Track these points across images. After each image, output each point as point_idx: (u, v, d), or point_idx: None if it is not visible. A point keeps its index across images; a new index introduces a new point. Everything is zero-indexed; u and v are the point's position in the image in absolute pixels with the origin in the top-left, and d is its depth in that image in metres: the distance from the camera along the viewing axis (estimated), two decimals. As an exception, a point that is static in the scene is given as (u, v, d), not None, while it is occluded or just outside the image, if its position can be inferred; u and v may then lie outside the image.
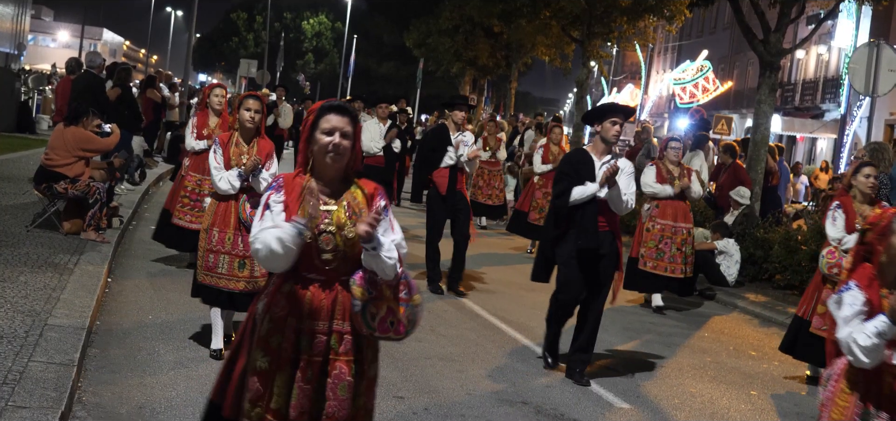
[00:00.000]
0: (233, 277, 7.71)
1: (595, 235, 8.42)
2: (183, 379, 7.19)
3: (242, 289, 7.70)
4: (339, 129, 4.26)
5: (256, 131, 8.02)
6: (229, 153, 7.87)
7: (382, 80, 76.96)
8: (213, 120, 10.87)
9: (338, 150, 4.25)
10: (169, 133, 23.64)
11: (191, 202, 10.77)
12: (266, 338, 4.24)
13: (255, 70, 48.00)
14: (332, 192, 4.33)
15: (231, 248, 7.72)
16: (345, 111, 4.31)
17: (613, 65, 70.50)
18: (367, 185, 4.39)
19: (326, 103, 4.34)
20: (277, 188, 4.32)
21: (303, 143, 4.38)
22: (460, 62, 45.11)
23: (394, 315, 4.27)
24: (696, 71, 51.43)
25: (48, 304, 8.03)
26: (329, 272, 4.26)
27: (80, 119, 11.67)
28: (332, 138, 4.24)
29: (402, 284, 4.30)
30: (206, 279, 7.75)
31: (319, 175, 4.33)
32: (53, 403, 5.77)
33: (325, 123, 4.26)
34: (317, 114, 4.32)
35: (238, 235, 7.73)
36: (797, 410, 8.54)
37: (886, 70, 15.70)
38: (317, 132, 4.27)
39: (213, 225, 7.78)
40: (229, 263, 7.71)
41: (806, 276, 13.88)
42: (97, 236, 11.24)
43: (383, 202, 4.32)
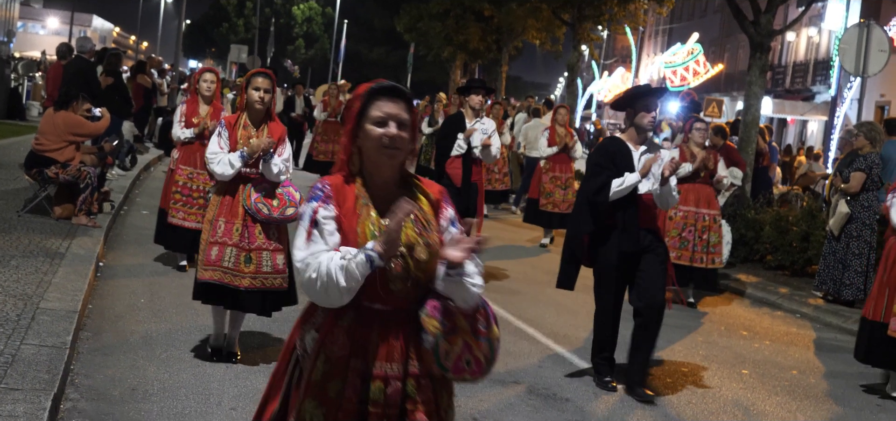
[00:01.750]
0: (238, 273, 7.02)
1: (638, 237, 7.64)
2: (175, 361, 7.19)
3: (247, 286, 7.03)
4: (394, 118, 3.45)
5: (267, 113, 7.28)
6: (236, 137, 7.13)
7: (373, 66, 76.87)
8: (202, 108, 10.26)
9: (394, 143, 3.44)
10: (159, 119, 23.60)
11: (183, 198, 10.12)
12: (321, 384, 3.44)
13: (246, 56, 47.95)
14: (391, 200, 3.48)
15: (239, 240, 7.03)
16: (399, 94, 3.50)
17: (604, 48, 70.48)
18: (430, 186, 3.61)
19: (376, 85, 3.51)
20: (325, 199, 3.45)
21: (347, 138, 3.53)
22: (451, 46, 45.13)
23: (470, 352, 3.51)
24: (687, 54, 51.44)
25: (40, 288, 8.03)
26: (397, 301, 3.45)
27: (69, 104, 11.65)
28: (387, 130, 3.43)
29: (480, 313, 3.53)
30: (209, 275, 7.03)
31: (370, 177, 3.51)
32: (46, 385, 5.77)
33: (376, 111, 3.45)
34: (364, 99, 3.49)
35: (245, 226, 7.06)
36: (789, 388, 8.58)
37: (876, 50, 15.73)
38: (366, 123, 3.46)
39: (219, 215, 7.10)
40: (236, 256, 7.02)
41: (796, 256, 13.95)
42: (88, 221, 11.23)
43: (451, 211, 3.59)
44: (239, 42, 62.51)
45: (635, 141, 7.72)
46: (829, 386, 8.92)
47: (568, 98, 29.89)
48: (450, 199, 3.62)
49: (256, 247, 7.06)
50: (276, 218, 7.09)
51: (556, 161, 15.37)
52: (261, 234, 7.06)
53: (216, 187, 7.27)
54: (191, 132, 10.11)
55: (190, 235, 9.92)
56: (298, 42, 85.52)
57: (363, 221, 3.44)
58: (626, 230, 7.61)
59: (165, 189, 10.53)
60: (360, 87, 3.55)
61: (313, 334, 3.50)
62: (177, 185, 10.13)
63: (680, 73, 50.37)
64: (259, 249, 7.06)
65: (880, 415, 8.16)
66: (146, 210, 14.16)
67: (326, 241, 3.39)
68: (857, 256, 11.95)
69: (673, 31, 61.50)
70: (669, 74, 51.33)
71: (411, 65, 53.98)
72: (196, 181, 10.06)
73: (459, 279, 3.40)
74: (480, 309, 3.52)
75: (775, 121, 44.13)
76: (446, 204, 3.59)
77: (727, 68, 51.58)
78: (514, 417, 6.90)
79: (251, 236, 7.05)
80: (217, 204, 7.15)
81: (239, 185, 7.12)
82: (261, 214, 7.03)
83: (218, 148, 7.08)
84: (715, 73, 49.85)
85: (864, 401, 8.49)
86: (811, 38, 44.33)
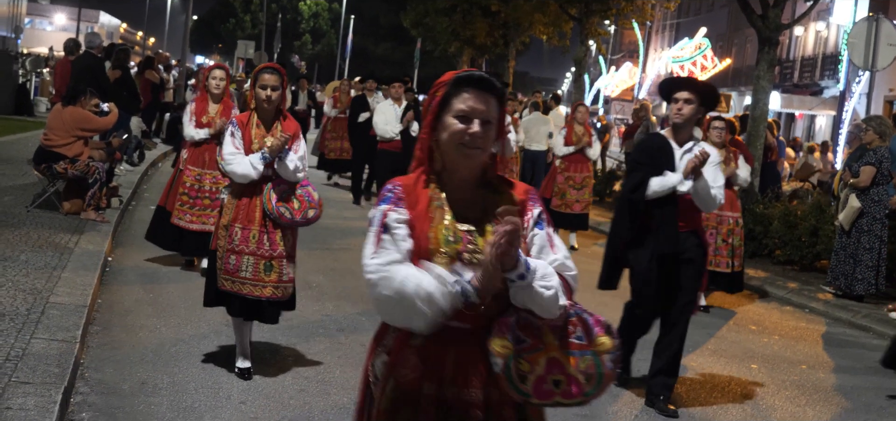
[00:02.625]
0: (258, 283, 6.61)
1: (676, 238, 7.12)
2: (184, 356, 7.19)
3: (269, 296, 6.65)
4: (479, 114, 3.07)
5: (277, 112, 6.83)
6: (250, 136, 6.69)
7: (380, 61, 76.91)
8: (212, 106, 9.96)
9: (474, 142, 3.06)
10: (167, 114, 23.61)
11: (190, 200, 9.79)
12: (391, 412, 3.12)
13: (253, 51, 47.99)
14: (470, 202, 3.13)
15: (256, 247, 6.59)
16: (489, 87, 3.10)
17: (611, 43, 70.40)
18: (517, 187, 3.21)
19: (464, 74, 3.12)
20: (395, 200, 3.11)
21: (426, 131, 3.17)
22: (458, 41, 45.04)
23: (561, 370, 3.02)
24: (695, 48, 51.45)
25: (49, 282, 8.04)
26: (478, 318, 3.02)
27: (78, 99, 11.66)
28: (470, 127, 3.06)
29: (572, 323, 3.07)
30: (228, 285, 6.65)
31: (447, 176, 3.15)
32: (56, 379, 5.78)
33: (461, 104, 3.08)
34: (448, 88, 3.12)
35: (264, 231, 6.62)
36: (798, 383, 8.56)
37: (885, 44, 15.68)
38: (448, 115, 3.09)
39: (235, 221, 6.65)
40: (254, 265, 6.60)
41: (805, 251, 13.93)
42: (97, 216, 11.24)
43: (539, 209, 3.18)
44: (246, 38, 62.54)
45: (676, 137, 7.16)
46: (838, 381, 8.90)
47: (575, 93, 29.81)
48: (538, 197, 3.22)
49: (279, 254, 6.66)
50: (298, 221, 6.68)
51: (572, 161, 14.77)
52: (282, 240, 6.66)
53: (231, 189, 6.80)
54: (205, 132, 9.82)
55: (197, 238, 9.74)
56: (305, 38, 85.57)
57: (436, 225, 3.08)
58: (663, 231, 7.10)
59: (169, 188, 10.24)
60: (445, 75, 3.18)
61: (383, 358, 3.15)
62: (184, 185, 9.83)
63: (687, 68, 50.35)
64: (281, 257, 6.67)
65: (889, 408, 8.14)
66: (154, 206, 14.12)
67: (398, 247, 3.02)
68: (867, 251, 11.93)
69: (680, 26, 61.42)
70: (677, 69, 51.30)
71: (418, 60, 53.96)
72: (204, 182, 9.81)
73: (527, 283, 2.94)
74: (574, 318, 3.07)
75: (783, 116, 44.06)
76: (533, 203, 3.18)
77: (735, 63, 51.50)
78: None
79: (272, 243, 6.62)
80: (233, 208, 6.70)
81: (255, 188, 6.67)
82: (284, 218, 6.60)
83: (234, 148, 6.64)
84: (723, 67, 49.84)
85: (872, 396, 8.46)
86: (819, 32, 44.22)
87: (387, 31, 77.98)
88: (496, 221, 2.90)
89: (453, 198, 3.13)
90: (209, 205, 9.69)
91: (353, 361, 7.45)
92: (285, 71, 6.89)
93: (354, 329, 8.45)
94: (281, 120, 6.80)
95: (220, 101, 10.00)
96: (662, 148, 7.14)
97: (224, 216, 6.72)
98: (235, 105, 10.08)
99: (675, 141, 7.13)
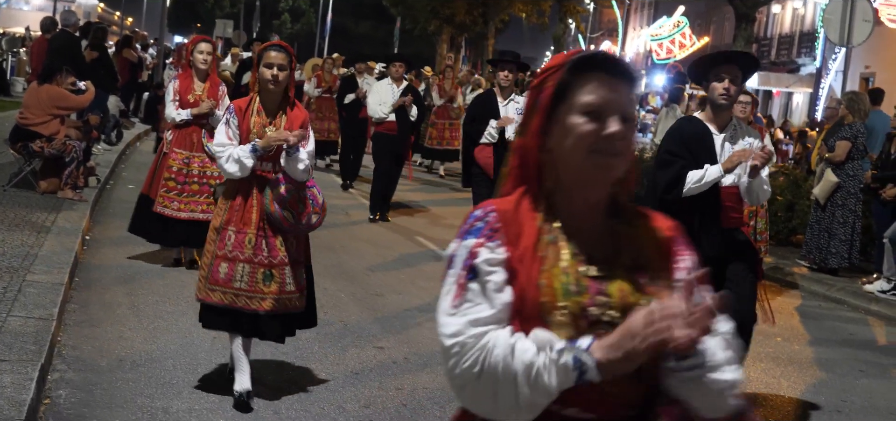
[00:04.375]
0: (256, 294, 5.78)
1: (720, 237, 6.14)
2: (162, 332, 7.20)
3: (269, 309, 5.81)
4: (616, 108, 2.18)
5: (284, 97, 5.95)
6: (248, 125, 5.83)
7: (360, 40, 76.66)
8: (198, 84, 9.18)
9: (614, 147, 2.17)
10: (145, 94, 23.51)
11: (177, 186, 9.01)
12: None
13: (231, 31, 47.76)
14: (596, 235, 2.24)
15: (253, 254, 5.78)
16: (621, 72, 2.22)
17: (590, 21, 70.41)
18: (655, 218, 2.33)
19: (585, 54, 2.25)
20: (488, 232, 2.21)
21: (532, 137, 2.27)
22: (437, 20, 45.03)
23: None
24: (673, 27, 51.58)
25: (26, 261, 8.02)
26: (608, 406, 2.17)
27: (54, 77, 11.63)
28: (606, 126, 2.16)
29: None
30: (217, 297, 5.82)
31: (566, 198, 2.24)
32: (33, 355, 5.78)
33: (587, 95, 2.19)
34: (564, 75, 2.23)
35: (262, 236, 5.81)
36: (773, 355, 8.64)
37: (861, 20, 15.77)
38: (569, 113, 2.20)
39: (229, 222, 5.84)
40: (250, 274, 5.79)
41: (781, 226, 14.03)
42: (74, 195, 11.21)
43: (692, 257, 2.29)
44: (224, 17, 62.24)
45: (715, 121, 6.18)
46: (812, 352, 8.99)
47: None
48: (688, 240, 2.33)
49: (280, 262, 5.84)
50: (302, 227, 5.92)
51: None
52: (283, 245, 5.85)
53: (225, 187, 6.03)
54: (187, 114, 9.04)
55: (184, 228, 9.02)
56: (284, 16, 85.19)
57: (551, 269, 2.19)
58: (706, 231, 6.03)
59: (152, 174, 9.39)
60: (555, 58, 2.32)
61: None
62: (170, 170, 9.03)
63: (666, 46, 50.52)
64: (282, 264, 5.85)
65: (862, 380, 8.23)
66: (132, 184, 14.12)
67: (492, 301, 2.14)
68: (842, 225, 12.03)
69: (659, 5, 61.42)
70: (655, 47, 51.47)
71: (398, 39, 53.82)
72: (192, 165, 9.08)
73: (698, 375, 2.13)
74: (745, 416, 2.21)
75: (761, 93, 44.23)
76: (682, 247, 2.31)
77: (713, 41, 51.61)
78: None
79: (272, 249, 5.82)
80: (226, 209, 5.88)
81: (253, 186, 5.85)
82: (285, 223, 5.81)
83: (226, 139, 5.80)
84: (701, 45, 49.94)
85: (846, 367, 8.56)
86: (796, 10, 44.39)
87: (366, 9, 77.70)
88: (658, 291, 2.17)
89: (573, 229, 2.24)
90: (198, 190, 9.06)
91: (330, 336, 7.49)
92: (294, 50, 6.06)
93: (334, 306, 8.48)
94: (288, 108, 5.95)
95: (206, 77, 9.22)
96: (700, 136, 6.15)
97: (216, 217, 5.92)
98: (223, 84, 9.52)
99: (714, 125, 6.17)
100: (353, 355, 7.16)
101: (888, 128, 12.87)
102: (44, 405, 5.54)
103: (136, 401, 5.78)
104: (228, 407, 5.80)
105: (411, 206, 15.44)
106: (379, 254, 11.25)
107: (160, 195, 9.04)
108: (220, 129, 5.89)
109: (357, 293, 9.17)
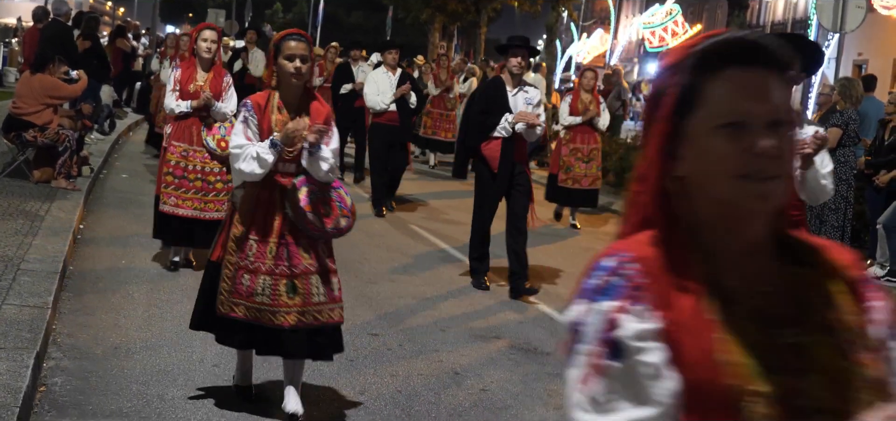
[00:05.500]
0: (279, 308, 5.30)
1: None
2: (157, 320, 7.22)
3: (294, 324, 5.31)
4: (766, 114, 1.64)
5: (306, 90, 5.47)
6: (269, 123, 5.33)
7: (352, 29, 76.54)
8: (201, 74, 8.65)
9: (768, 170, 1.63)
10: (137, 84, 23.48)
11: (175, 180, 8.52)
12: None
13: (224, 20, 47.64)
14: (769, 285, 1.68)
15: (274, 264, 5.30)
16: (769, 62, 1.67)
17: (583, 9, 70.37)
18: (839, 253, 1.76)
19: (713, 45, 1.68)
20: (631, 294, 1.64)
21: (654, 164, 1.73)
22: (429, 9, 44.98)
23: None
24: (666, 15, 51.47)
25: (20, 250, 8.03)
26: None
27: (46, 66, 11.62)
28: (756, 142, 1.62)
29: None
30: (241, 311, 5.35)
31: (716, 241, 1.69)
32: (28, 343, 5.79)
33: (727, 102, 1.65)
34: (691, 76, 1.69)
35: (283, 244, 5.33)
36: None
37: (854, 7, 15.78)
38: (704, 130, 1.67)
39: (250, 231, 5.36)
40: (273, 286, 5.30)
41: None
42: (68, 184, 11.20)
43: (884, 299, 1.73)
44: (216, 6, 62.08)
45: None
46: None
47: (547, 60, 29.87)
48: (869, 277, 1.77)
49: (304, 270, 5.36)
50: (328, 231, 5.39)
51: (578, 131, 13.37)
52: (307, 252, 5.37)
53: (242, 193, 5.48)
54: (186, 105, 8.54)
55: (183, 225, 8.56)
56: (276, 6, 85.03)
57: (721, 343, 1.61)
58: None
59: (160, 172, 8.84)
60: (674, 51, 1.76)
61: None
62: (169, 165, 8.57)
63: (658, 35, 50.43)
64: (306, 273, 5.36)
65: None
66: (125, 174, 14.14)
67: (649, 393, 1.59)
68: (833, 211, 12.06)
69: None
70: (648, 35, 51.38)
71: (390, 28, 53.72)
72: (192, 160, 8.56)
73: None
74: None
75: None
76: (872, 289, 1.74)
77: (705, 29, 51.64)
78: (495, 371, 6.96)
79: (294, 257, 5.32)
80: (246, 216, 5.39)
81: (275, 189, 5.36)
82: (312, 227, 5.31)
83: (244, 139, 5.31)
84: (693, 33, 49.92)
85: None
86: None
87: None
88: (869, 358, 1.65)
89: (739, 278, 1.68)
90: (201, 186, 8.57)
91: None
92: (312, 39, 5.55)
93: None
94: (310, 101, 5.48)
95: (210, 67, 8.69)
96: None
97: (235, 226, 5.40)
98: (228, 73, 9.02)
99: None
100: (348, 343, 7.13)
101: (881, 114, 12.89)
102: (39, 393, 5.55)
103: (131, 388, 5.79)
104: (223, 394, 5.81)
105: (410, 200, 15.44)
106: (373, 243, 11.26)
107: (162, 191, 8.61)
108: (237, 129, 5.37)
109: (351, 282, 9.16)
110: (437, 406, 6.10)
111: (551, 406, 6.34)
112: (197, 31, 8.95)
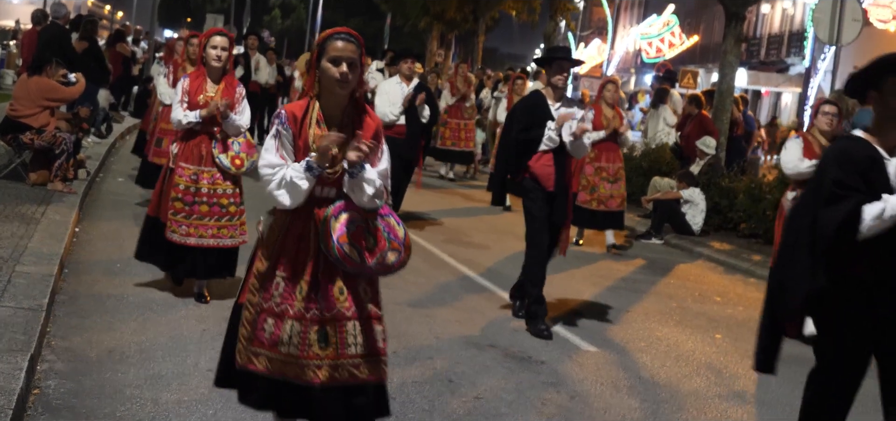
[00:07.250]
0: (309, 361, 4.35)
1: None
2: (152, 324, 7.21)
3: (325, 381, 4.36)
4: None
5: (354, 101, 4.51)
6: (307, 139, 4.43)
7: (349, 36, 76.59)
8: (210, 85, 7.87)
9: None
10: (135, 88, 23.48)
11: (186, 207, 7.73)
12: None
13: (222, 25, 47.71)
14: None
15: (305, 307, 4.38)
16: None
17: (580, 19, 70.48)
18: None
19: None
20: None
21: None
22: (427, 16, 44.98)
23: None
24: (663, 25, 51.68)
25: (16, 252, 8.02)
26: None
27: (43, 68, 11.63)
28: None
29: None
30: (263, 364, 4.43)
31: None
32: (22, 346, 5.78)
33: None
34: None
35: (314, 284, 4.41)
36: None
37: (850, 20, 15.86)
38: None
39: (277, 266, 4.46)
40: (302, 334, 4.37)
41: (769, 225, 14.05)
42: (64, 187, 11.20)
43: None
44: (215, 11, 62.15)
45: (882, 141, 4.59)
46: (799, 349, 8.97)
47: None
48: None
49: (337, 315, 4.41)
50: (370, 267, 4.44)
51: (603, 149, 12.27)
52: (343, 293, 4.43)
53: (272, 220, 4.57)
54: (195, 116, 7.72)
55: (192, 256, 7.86)
56: (275, 12, 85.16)
57: None
58: (883, 286, 4.57)
59: (158, 194, 8.04)
60: None
61: None
62: (177, 189, 7.74)
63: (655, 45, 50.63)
64: (340, 319, 4.42)
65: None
66: (122, 178, 14.13)
67: None
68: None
69: (649, 3, 61.48)
70: (645, 46, 51.58)
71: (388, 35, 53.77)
72: (201, 182, 7.77)
73: None
74: None
75: (750, 93, 44.36)
76: None
77: (702, 40, 51.71)
78: (490, 378, 6.96)
79: (327, 299, 4.39)
80: (275, 248, 4.49)
81: (310, 219, 4.45)
82: (349, 263, 4.36)
83: (278, 158, 4.41)
84: (690, 44, 50.07)
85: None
86: (786, 10, 44.48)
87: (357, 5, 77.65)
88: None
89: None
90: (207, 212, 7.79)
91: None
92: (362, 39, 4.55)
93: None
94: (358, 114, 4.54)
95: (221, 77, 7.90)
96: (872, 161, 4.55)
97: (260, 261, 4.52)
98: (241, 84, 8.16)
99: (882, 147, 4.58)
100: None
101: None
102: (33, 396, 5.54)
103: (126, 392, 5.79)
104: (217, 399, 5.80)
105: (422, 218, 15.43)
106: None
107: (169, 219, 7.79)
108: (268, 145, 4.44)
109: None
110: (430, 413, 6.10)
111: (545, 415, 6.35)
112: (206, 36, 8.04)
